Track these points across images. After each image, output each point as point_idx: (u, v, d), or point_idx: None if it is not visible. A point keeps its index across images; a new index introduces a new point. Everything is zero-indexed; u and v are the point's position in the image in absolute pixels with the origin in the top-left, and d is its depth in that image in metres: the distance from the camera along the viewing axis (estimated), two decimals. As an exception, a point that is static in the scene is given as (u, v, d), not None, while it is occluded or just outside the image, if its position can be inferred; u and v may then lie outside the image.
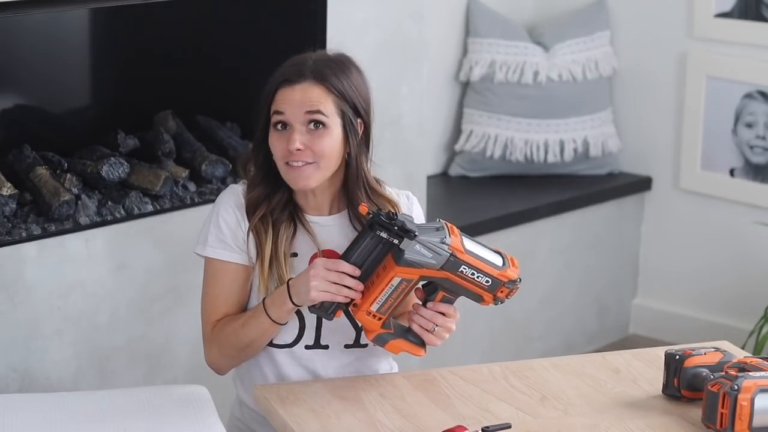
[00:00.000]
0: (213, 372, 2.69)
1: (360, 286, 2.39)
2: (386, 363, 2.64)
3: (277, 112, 2.47)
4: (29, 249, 3.09)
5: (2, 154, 3.36)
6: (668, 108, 4.64)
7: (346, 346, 2.56)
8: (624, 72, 4.72)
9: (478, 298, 2.42)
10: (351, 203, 2.54)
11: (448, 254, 2.35)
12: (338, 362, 2.56)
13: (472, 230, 4.08)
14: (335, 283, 2.37)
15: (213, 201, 3.40)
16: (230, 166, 3.54)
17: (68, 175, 3.30)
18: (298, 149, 2.44)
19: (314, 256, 2.51)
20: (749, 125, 4.45)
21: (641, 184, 4.72)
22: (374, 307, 2.39)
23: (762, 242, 4.44)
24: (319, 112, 2.45)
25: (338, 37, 3.59)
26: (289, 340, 2.54)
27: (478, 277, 2.38)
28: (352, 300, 2.40)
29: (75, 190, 3.28)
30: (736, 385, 2.23)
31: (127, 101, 3.67)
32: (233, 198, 2.56)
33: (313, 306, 2.40)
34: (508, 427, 2.29)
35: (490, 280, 2.39)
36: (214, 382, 2.80)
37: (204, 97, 3.76)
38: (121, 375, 3.29)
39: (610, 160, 4.71)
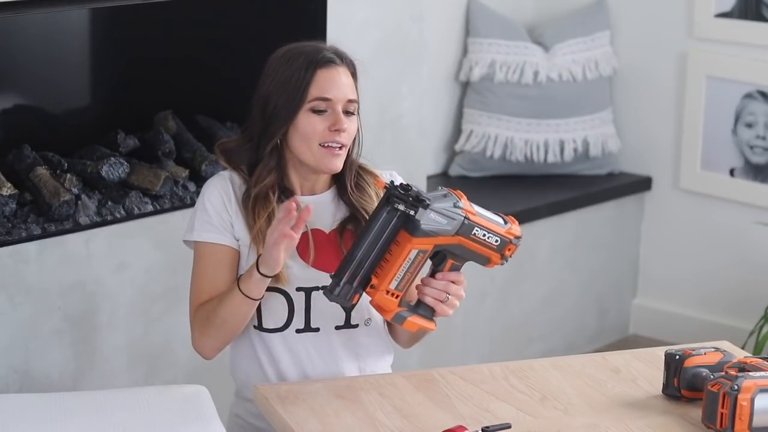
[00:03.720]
0: (213, 372, 2.69)
1: (295, 200, 2.41)
2: (380, 341, 2.64)
3: (322, 98, 2.53)
4: (29, 249, 3.09)
5: (2, 154, 3.36)
6: (668, 108, 4.64)
7: (337, 328, 2.58)
8: (624, 72, 4.72)
9: (486, 261, 2.45)
10: (340, 180, 2.62)
11: (462, 218, 2.39)
12: (330, 344, 2.58)
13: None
14: (281, 221, 2.38)
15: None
16: (230, 166, 3.54)
17: (68, 175, 3.30)
18: (344, 130, 2.54)
19: (304, 236, 2.54)
20: (749, 125, 4.45)
21: (641, 184, 4.72)
22: (393, 285, 2.41)
23: (762, 242, 4.44)
24: (355, 100, 2.58)
25: (338, 37, 3.59)
26: (280, 324, 2.55)
27: (488, 237, 2.42)
28: (369, 282, 2.41)
29: (75, 190, 3.28)
30: (736, 385, 2.23)
31: (127, 101, 3.67)
32: (221, 183, 2.61)
33: (329, 292, 2.40)
34: (508, 427, 2.29)
35: (498, 239, 2.43)
36: (214, 382, 2.80)
37: (204, 97, 3.76)
38: (121, 375, 3.29)
39: (610, 160, 4.70)
